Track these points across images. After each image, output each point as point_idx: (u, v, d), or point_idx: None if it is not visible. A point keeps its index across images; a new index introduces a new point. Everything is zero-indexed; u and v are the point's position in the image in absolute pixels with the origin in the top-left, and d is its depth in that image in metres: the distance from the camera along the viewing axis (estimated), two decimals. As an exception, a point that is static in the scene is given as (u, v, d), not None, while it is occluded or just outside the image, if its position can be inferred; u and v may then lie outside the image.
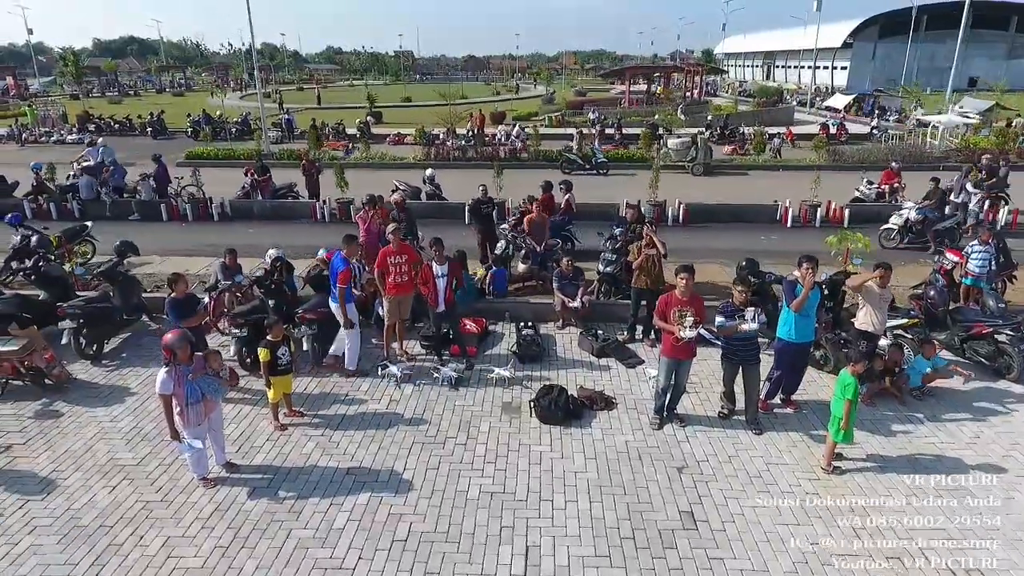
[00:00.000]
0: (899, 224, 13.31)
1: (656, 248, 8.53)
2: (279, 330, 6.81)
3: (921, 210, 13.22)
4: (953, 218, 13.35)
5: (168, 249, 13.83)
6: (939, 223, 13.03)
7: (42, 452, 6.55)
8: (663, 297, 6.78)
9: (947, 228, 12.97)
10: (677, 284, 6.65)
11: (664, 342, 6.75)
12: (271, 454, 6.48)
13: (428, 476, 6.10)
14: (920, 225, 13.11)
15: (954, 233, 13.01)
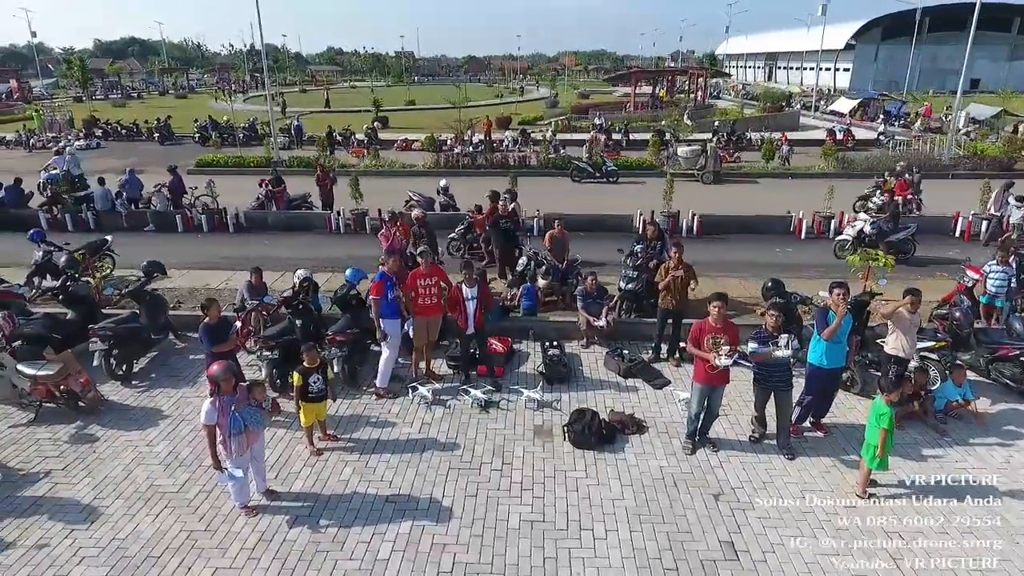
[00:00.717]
0: (853, 235, 13.52)
1: (683, 269, 8.58)
2: (314, 356, 6.86)
3: (875, 223, 13.47)
4: (907, 230, 13.63)
5: (186, 262, 13.84)
6: (892, 235, 13.40)
7: (82, 478, 6.60)
8: (696, 324, 6.84)
9: (900, 240, 13.32)
10: (710, 311, 6.71)
11: (697, 368, 6.81)
12: (309, 480, 6.54)
13: (467, 504, 6.16)
14: (874, 237, 13.34)
15: (907, 244, 13.29)
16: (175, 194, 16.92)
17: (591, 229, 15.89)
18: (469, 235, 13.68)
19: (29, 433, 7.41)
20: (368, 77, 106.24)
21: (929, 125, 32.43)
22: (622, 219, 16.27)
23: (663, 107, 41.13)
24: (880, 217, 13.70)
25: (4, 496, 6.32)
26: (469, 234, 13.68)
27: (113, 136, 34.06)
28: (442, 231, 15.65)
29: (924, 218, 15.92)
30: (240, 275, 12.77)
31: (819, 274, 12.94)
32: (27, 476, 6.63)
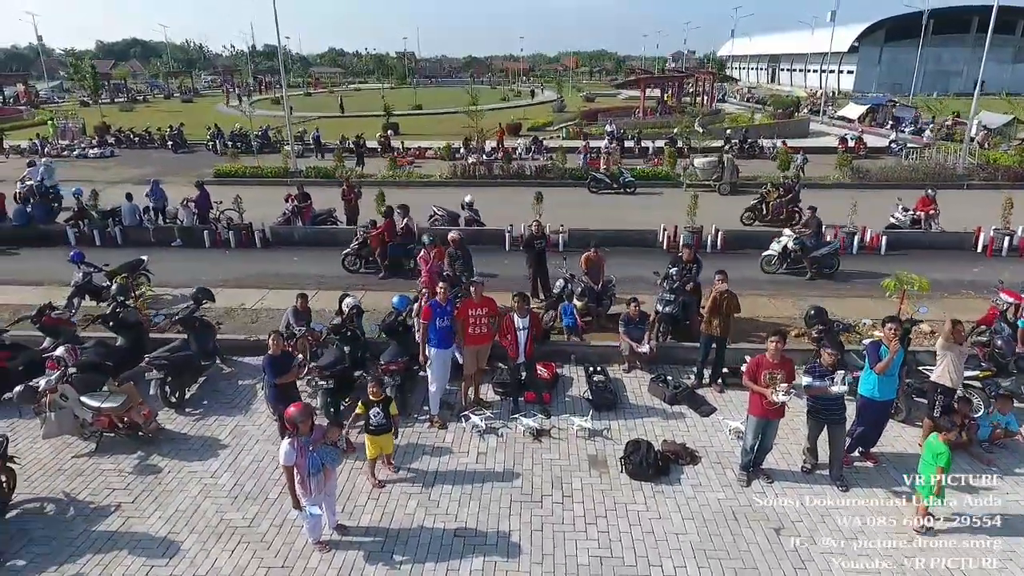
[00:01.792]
0: (778, 251, 13.76)
1: (728, 297, 8.73)
2: (378, 389, 7.00)
3: (799, 239, 13.67)
4: (830, 245, 13.84)
5: (218, 280, 13.96)
6: (815, 251, 13.66)
7: (153, 511, 6.74)
8: (754, 359, 7.00)
9: (823, 255, 13.59)
10: (768, 347, 6.86)
11: (753, 402, 6.95)
12: (375, 514, 6.68)
13: (534, 539, 6.30)
14: (798, 252, 13.58)
15: (831, 260, 13.53)
16: (201, 209, 17.04)
17: (615, 244, 16.03)
18: (364, 250, 14.23)
19: (93, 464, 7.55)
20: (371, 79, 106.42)
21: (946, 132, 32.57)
22: (646, 234, 16.40)
23: (671, 113, 41.28)
24: (804, 233, 13.89)
25: (80, 531, 6.46)
26: (363, 249, 14.22)
27: (126, 144, 34.15)
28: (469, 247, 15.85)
29: (946, 234, 16.06)
30: (274, 294, 12.99)
31: (847, 292, 13.14)
32: (98, 509, 6.77)
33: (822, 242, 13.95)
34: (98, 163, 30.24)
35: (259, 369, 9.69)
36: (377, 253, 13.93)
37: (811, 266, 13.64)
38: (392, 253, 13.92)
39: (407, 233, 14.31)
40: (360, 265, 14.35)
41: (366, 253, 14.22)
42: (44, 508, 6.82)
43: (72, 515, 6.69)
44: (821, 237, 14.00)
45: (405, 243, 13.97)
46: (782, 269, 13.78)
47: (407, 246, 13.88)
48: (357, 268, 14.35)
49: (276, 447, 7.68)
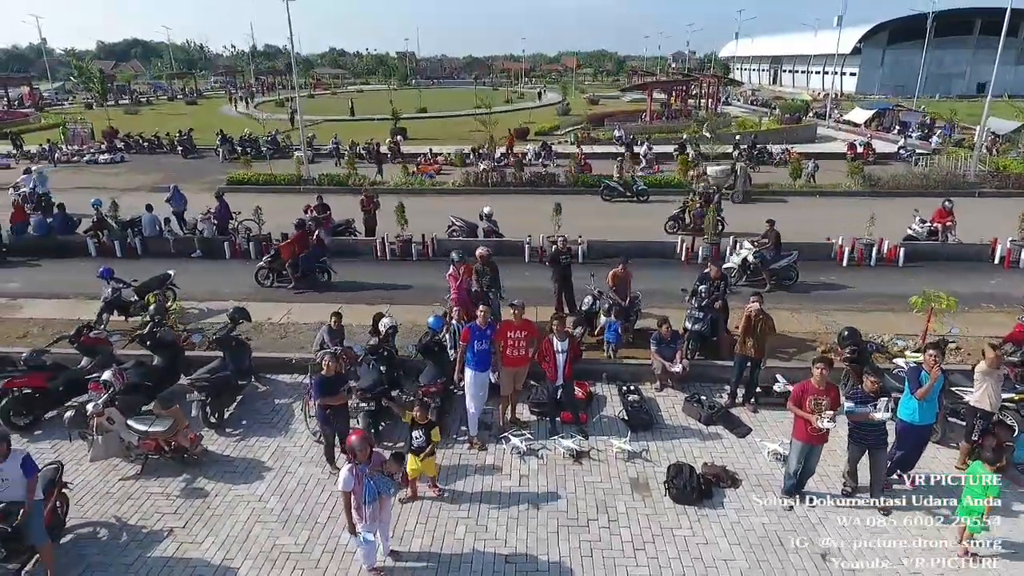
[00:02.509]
0: (738, 264, 13.95)
1: (764, 316, 8.82)
2: (424, 414, 7.08)
3: (758, 253, 13.89)
4: (788, 257, 14.03)
5: (240, 293, 14.04)
6: (774, 263, 13.91)
7: (205, 536, 6.83)
8: (799, 385, 7.10)
9: (782, 267, 13.84)
10: (813, 374, 6.95)
11: (798, 426, 7.05)
12: (425, 539, 6.77)
13: (585, 565, 6.40)
14: (758, 265, 13.81)
15: (789, 272, 13.76)
16: (221, 220, 17.11)
17: (634, 255, 16.03)
18: (275, 263, 14.36)
19: (140, 487, 7.63)
20: (373, 79, 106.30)
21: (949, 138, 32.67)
22: (665, 246, 16.48)
23: (677, 117, 41.36)
24: (764, 245, 14.07)
25: (135, 557, 6.55)
26: (275, 262, 14.35)
27: (135, 149, 34.19)
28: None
29: (963, 246, 16.15)
30: (298, 308, 13.07)
31: (869, 306, 13.22)
32: (151, 535, 6.85)
33: (780, 255, 14.18)
34: (108, 169, 30.29)
35: (294, 388, 9.88)
36: (288, 265, 14.13)
37: (770, 278, 13.89)
38: (304, 265, 14.06)
39: (319, 245, 14.67)
40: (273, 279, 14.44)
41: (278, 266, 14.32)
42: (97, 533, 6.90)
43: (126, 540, 6.78)
44: (780, 250, 14.22)
45: (317, 255, 14.22)
46: (742, 281, 13.94)
47: (319, 258, 14.17)
48: (270, 282, 14.42)
49: (320, 470, 7.86)
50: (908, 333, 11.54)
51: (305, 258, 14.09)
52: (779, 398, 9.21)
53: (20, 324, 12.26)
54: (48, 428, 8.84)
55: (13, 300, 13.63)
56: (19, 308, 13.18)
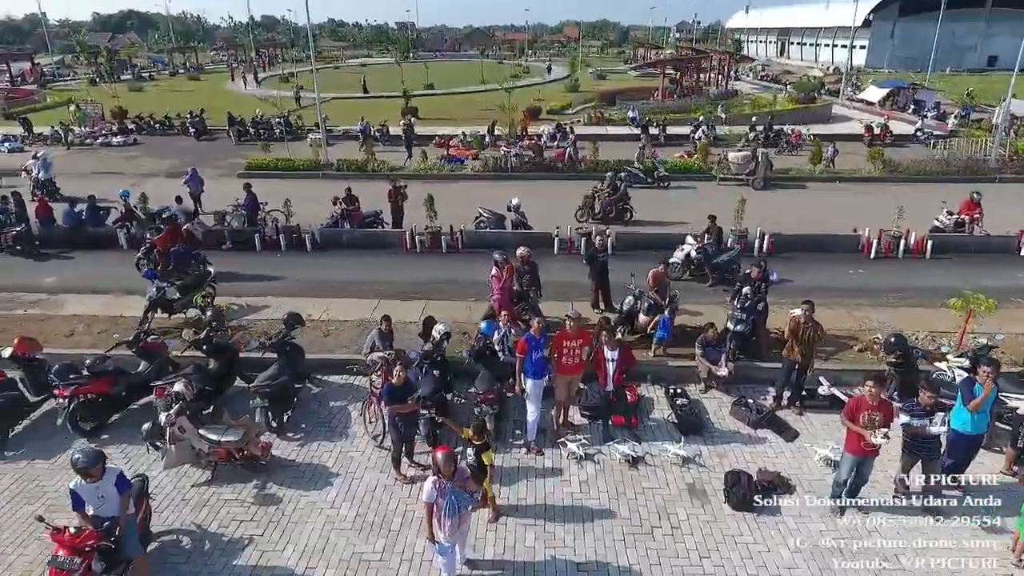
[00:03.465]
0: (681, 259, 14.12)
1: (813, 323, 9.00)
2: (480, 435, 7.10)
3: (701, 248, 14.03)
4: (731, 252, 14.21)
5: (276, 288, 14.20)
6: (716, 258, 14.10)
7: (285, 544, 7.10)
8: (853, 400, 7.31)
9: (724, 262, 14.00)
10: (866, 390, 7.15)
11: (850, 439, 7.26)
12: (497, 547, 7.04)
13: (655, 573, 6.68)
14: (701, 260, 14.02)
15: (732, 266, 13.92)
16: (250, 211, 17.18)
17: (662, 247, 16.18)
18: (151, 255, 14.67)
19: (213, 493, 7.89)
20: (374, 51, 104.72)
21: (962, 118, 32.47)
22: (691, 235, 16.52)
23: (689, 95, 41.00)
24: (707, 241, 14.21)
25: (221, 565, 6.82)
26: (151, 254, 14.69)
27: (146, 130, 33.97)
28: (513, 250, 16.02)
29: (990, 238, 16.23)
30: (337, 304, 13.22)
31: (897, 300, 13.38)
32: (233, 542, 7.13)
33: (722, 249, 14.37)
34: (122, 152, 30.12)
35: (347, 389, 10.11)
36: (161, 257, 14.50)
37: (712, 273, 14.07)
38: (176, 258, 14.23)
39: (190, 239, 15.19)
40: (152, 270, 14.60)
41: (154, 258, 14.63)
42: (181, 541, 7.17)
43: (209, 548, 7.05)
44: (722, 244, 14.38)
45: (188, 250, 14.42)
46: (686, 275, 14.11)
47: (191, 252, 14.35)
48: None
49: (385, 475, 8.12)
50: (941, 331, 11.74)
51: (176, 252, 14.34)
52: (824, 401, 9.46)
53: (65, 322, 12.43)
54: (114, 432, 9.09)
55: (54, 296, 13.76)
56: (61, 305, 13.32)
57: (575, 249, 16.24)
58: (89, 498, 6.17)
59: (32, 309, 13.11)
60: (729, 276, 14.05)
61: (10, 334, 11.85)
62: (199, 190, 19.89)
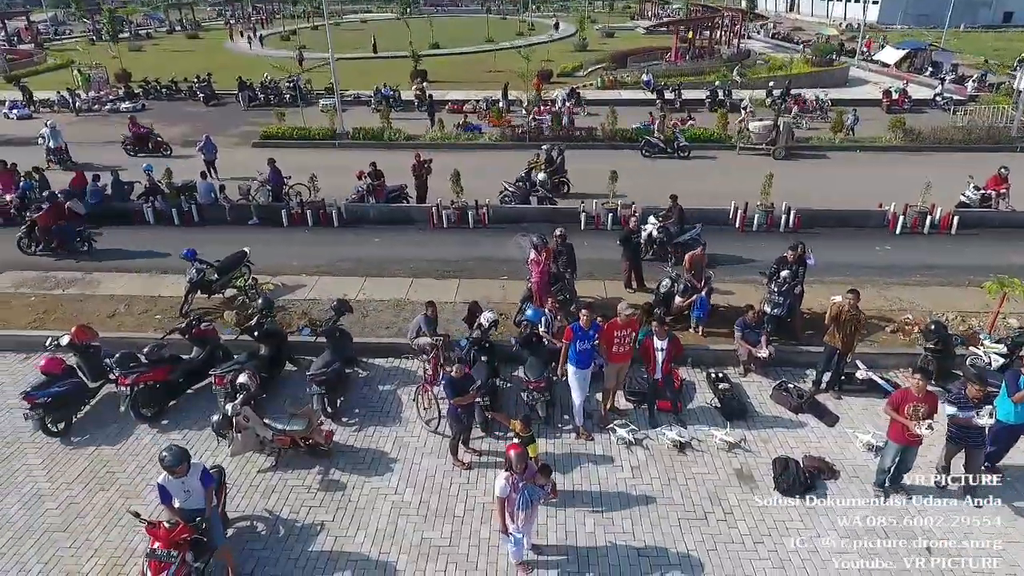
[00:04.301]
0: (644, 239, 13.88)
1: (855, 311, 9.18)
2: (526, 428, 7.33)
3: (663, 228, 13.92)
4: (692, 230, 14.10)
5: (308, 265, 14.31)
6: (678, 237, 14.04)
7: (356, 531, 7.42)
8: (900, 392, 7.55)
9: (685, 241, 13.92)
10: (913, 383, 7.38)
11: (894, 428, 7.52)
12: (559, 533, 7.36)
13: (712, 559, 7.02)
14: (664, 240, 13.92)
15: (695, 246, 13.54)
16: (275, 186, 17.14)
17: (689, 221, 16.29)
18: (33, 233, 14.96)
19: (279, 479, 8.19)
20: (372, 6, 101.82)
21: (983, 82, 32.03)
22: (719, 213, 16.57)
23: (702, 56, 40.22)
24: (668, 221, 14.08)
25: (299, 551, 7.15)
26: (33, 232, 14.96)
27: (153, 95, 33.46)
28: (540, 226, 16.03)
29: (1017, 213, 16.26)
30: (372, 284, 13.39)
31: (925, 279, 13.53)
32: (306, 528, 7.45)
33: (684, 229, 14.28)
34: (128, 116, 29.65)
35: (393, 372, 10.36)
36: (43, 234, 14.86)
37: (675, 252, 13.92)
38: (60, 235, 14.77)
39: (73, 216, 15.57)
40: (34, 247, 15.06)
41: (36, 236, 14.88)
42: (256, 527, 7.50)
43: (284, 534, 7.38)
44: (684, 223, 14.30)
45: (72, 226, 14.93)
46: (648, 255, 13.95)
47: (75, 228, 14.93)
48: (32, 251, 15.05)
49: (443, 461, 8.43)
50: (970, 311, 11.96)
51: (59, 229, 14.78)
52: (861, 385, 9.71)
53: (105, 303, 12.59)
54: (173, 417, 9.35)
55: (89, 275, 13.89)
56: (97, 284, 13.46)
57: (602, 224, 16.30)
58: (176, 492, 6.44)
59: (70, 289, 13.26)
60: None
61: (52, 315, 12.16)
62: (213, 156, 20.25)
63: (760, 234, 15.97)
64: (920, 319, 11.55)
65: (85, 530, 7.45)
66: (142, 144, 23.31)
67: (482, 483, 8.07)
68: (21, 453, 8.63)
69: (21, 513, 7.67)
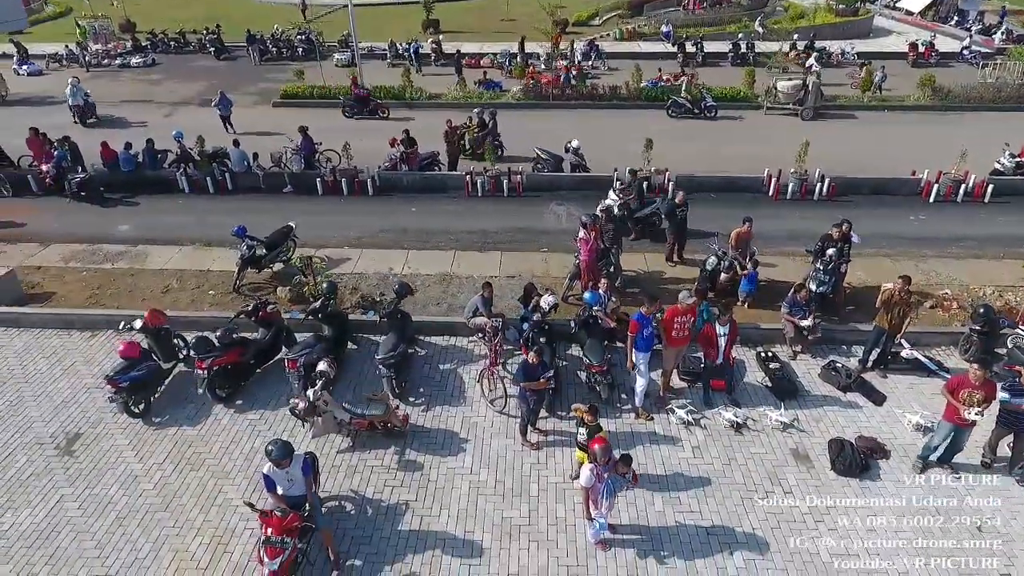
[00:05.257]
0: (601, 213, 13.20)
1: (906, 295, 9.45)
2: (593, 418, 7.72)
3: (623, 204, 13.74)
4: (652, 205, 14.03)
5: (350, 237, 14.47)
6: (639, 212, 13.93)
7: (439, 510, 7.88)
8: (957, 378, 7.90)
9: (645, 216, 13.88)
10: (971, 372, 7.71)
11: (949, 410, 7.91)
12: (631, 512, 7.82)
13: (776, 536, 7.50)
14: (624, 215, 13.70)
15: (653, 219, 13.88)
16: (307, 154, 17.10)
17: (721, 190, 16.37)
18: None
19: (359, 459, 8.62)
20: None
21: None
22: (752, 180, 16.61)
23: (720, 3, 39.03)
24: (628, 197, 13.90)
25: (389, 530, 7.63)
26: None
27: (161, 48, 32.66)
28: (572, 194, 16.11)
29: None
30: (416, 256, 13.64)
31: (960, 251, 13.72)
32: (392, 508, 7.91)
33: (644, 204, 14.18)
34: (144, 75, 29.19)
35: (450, 351, 10.70)
36: None
37: (635, 227, 13.96)
38: None
39: None
40: None
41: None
42: (344, 507, 7.96)
43: (372, 514, 7.85)
44: (643, 199, 14.19)
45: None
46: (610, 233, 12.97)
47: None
48: None
49: (512, 441, 8.86)
50: (1007, 284, 12.23)
51: None
52: (906, 364, 10.07)
53: (157, 278, 12.85)
54: (246, 398, 9.73)
55: (134, 247, 14.07)
56: (144, 258, 13.67)
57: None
58: (280, 481, 6.86)
59: (119, 263, 13.47)
60: (651, 229, 14.00)
61: (107, 291, 12.45)
62: (228, 112, 20.82)
63: (795, 202, 16.06)
64: (958, 294, 11.88)
65: (184, 510, 7.92)
66: (362, 106, 22.41)
67: (551, 463, 8.51)
68: (108, 434, 9.04)
69: (121, 494, 8.13)
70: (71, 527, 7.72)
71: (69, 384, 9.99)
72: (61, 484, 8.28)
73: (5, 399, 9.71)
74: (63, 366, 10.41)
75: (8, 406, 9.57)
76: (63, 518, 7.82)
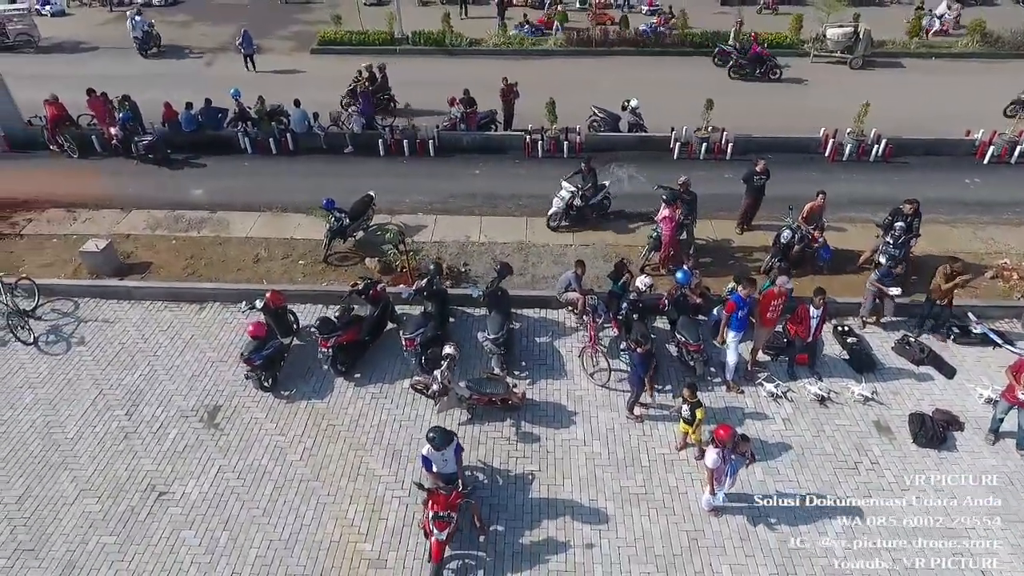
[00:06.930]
0: (562, 207, 13.73)
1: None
2: (692, 394, 8.52)
3: (583, 195, 13.71)
4: (603, 191, 14.10)
5: (420, 203, 14.83)
6: (592, 199, 13.92)
7: (562, 480, 8.77)
8: (1020, 361, 8.67)
9: (598, 201, 14.00)
10: None
11: (1010, 390, 8.70)
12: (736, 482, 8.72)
13: (865, 505, 8.38)
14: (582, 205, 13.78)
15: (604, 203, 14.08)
16: (366, 116, 17.15)
17: (776, 150, 16.39)
18: None
19: (480, 431, 9.46)
20: None
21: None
22: (809, 141, 16.77)
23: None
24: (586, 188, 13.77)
25: (521, 500, 8.53)
26: None
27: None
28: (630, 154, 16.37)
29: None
30: (489, 223, 14.06)
31: (1018, 216, 14.15)
32: (519, 477, 8.81)
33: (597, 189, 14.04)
34: (169, 16, 28.48)
35: (543, 324, 11.39)
36: None
37: (592, 214, 14.03)
38: None
39: None
40: None
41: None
42: (478, 477, 8.85)
43: (503, 483, 8.75)
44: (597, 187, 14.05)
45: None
46: (564, 223, 13.87)
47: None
48: None
49: (616, 414, 9.67)
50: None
51: None
52: (975, 338, 10.79)
53: (245, 246, 13.35)
54: (364, 371, 10.49)
55: (213, 214, 14.46)
56: (227, 225, 14.10)
57: (695, 155, 16.58)
58: (436, 461, 7.70)
59: (203, 230, 13.92)
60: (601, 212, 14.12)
61: (200, 260, 13.00)
62: (252, 50, 22.19)
63: (851, 164, 16.32)
64: (1017, 264, 12.44)
65: (333, 479, 8.82)
66: None
67: (656, 435, 9.37)
68: (245, 407, 9.85)
69: (273, 464, 9.01)
70: (235, 496, 8.62)
71: (195, 358, 10.72)
72: (215, 456, 9.14)
73: (139, 373, 10.47)
74: (183, 339, 11.11)
75: (145, 380, 10.34)
76: (227, 488, 8.72)
